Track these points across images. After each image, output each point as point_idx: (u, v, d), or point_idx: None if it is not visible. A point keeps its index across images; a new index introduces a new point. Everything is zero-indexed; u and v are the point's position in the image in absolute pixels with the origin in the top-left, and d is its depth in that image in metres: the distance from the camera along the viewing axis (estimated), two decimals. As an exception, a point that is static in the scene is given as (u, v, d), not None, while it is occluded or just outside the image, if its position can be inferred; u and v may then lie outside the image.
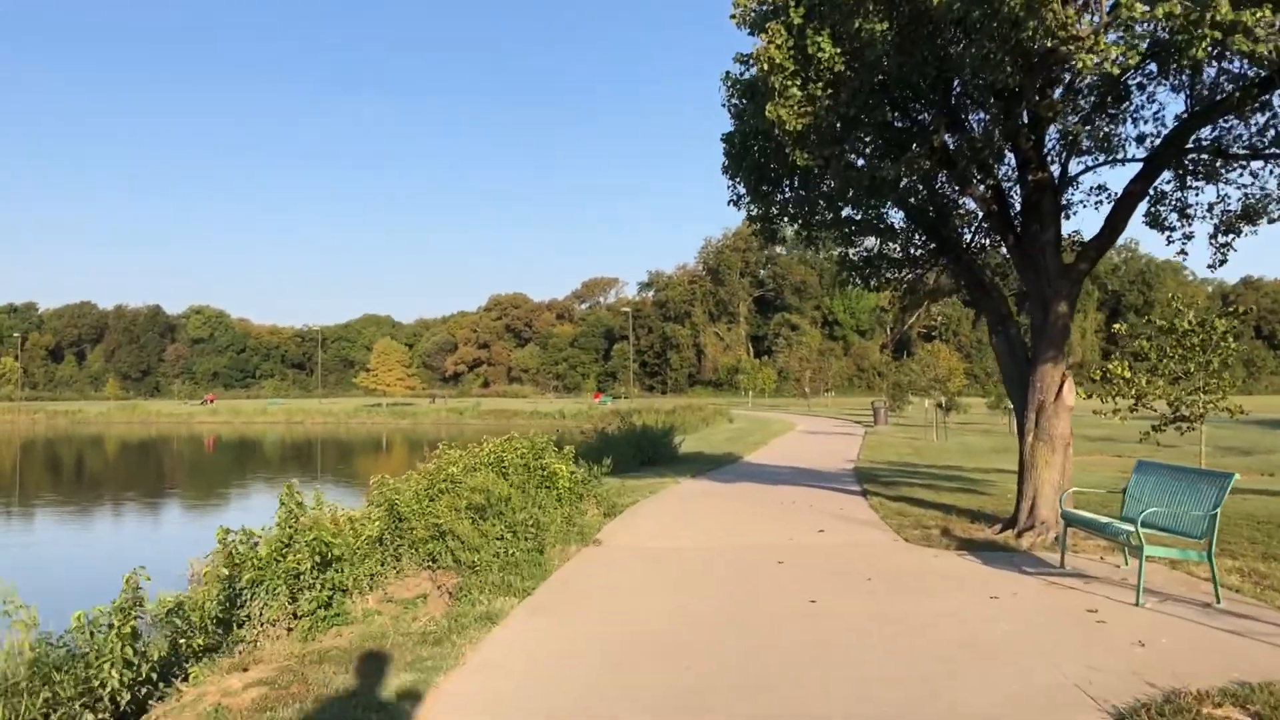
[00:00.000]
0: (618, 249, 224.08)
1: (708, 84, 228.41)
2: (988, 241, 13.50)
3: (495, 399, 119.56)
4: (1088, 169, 11.53)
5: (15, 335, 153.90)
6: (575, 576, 9.32)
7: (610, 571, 9.56)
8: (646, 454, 25.14)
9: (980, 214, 12.62)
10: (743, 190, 14.65)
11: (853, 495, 16.02)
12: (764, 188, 14.02)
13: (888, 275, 13.71)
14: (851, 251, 13.64)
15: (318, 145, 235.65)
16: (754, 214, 14.77)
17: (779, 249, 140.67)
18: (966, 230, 13.22)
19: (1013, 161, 12.23)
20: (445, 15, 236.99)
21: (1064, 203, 11.94)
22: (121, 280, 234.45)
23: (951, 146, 10.39)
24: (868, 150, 10.93)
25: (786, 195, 14.14)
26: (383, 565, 9.69)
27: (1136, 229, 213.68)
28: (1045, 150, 11.10)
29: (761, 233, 14.86)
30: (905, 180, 12.22)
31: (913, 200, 12.68)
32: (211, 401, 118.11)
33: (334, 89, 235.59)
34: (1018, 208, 11.96)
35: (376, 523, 9.68)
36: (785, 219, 14.65)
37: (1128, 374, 16.68)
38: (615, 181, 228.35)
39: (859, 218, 13.44)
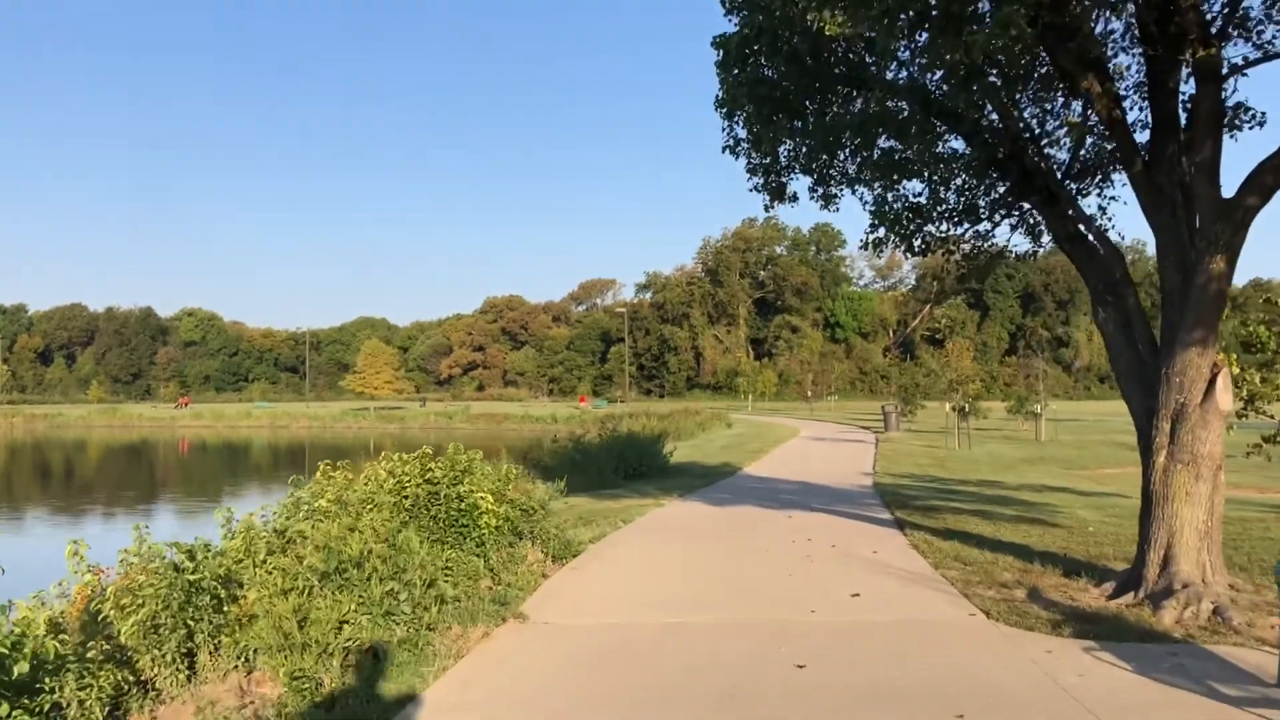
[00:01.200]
0: (616, 251, 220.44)
1: (705, 83, 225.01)
2: (1074, 186, 9.71)
3: (487, 402, 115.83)
4: (1255, 61, 7.71)
5: (2, 338, 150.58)
6: (458, 702, 5.53)
7: (518, 689, 5.77)
8: (631, 466, 21.49)
9: (1079, 136, 8.84)
10: (741, 132, 10.95)
11: (885, 527, 12.25)
12: (773, 115, 10.27)
13: (941, 230, 9.88)
14: (891, 197, 9.77)
15: (313, 147, 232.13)
16: (755, 163, 11.08)
17: (779, 249, 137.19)
18: (1057, 162, 9.39)
19: (1127, 65, 8.52)
20: (441, 16, 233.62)
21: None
22: (115, 282, 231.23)
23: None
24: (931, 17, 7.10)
25: (798, 127, 10.43)
26: (156, 667, 5.97)
27: (1143, 229, 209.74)
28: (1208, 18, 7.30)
29: (765, 189, 11.13)
30: (977, 102, 8.48)
31: (983, 120, 8.91)
32: (185, 405, 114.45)
33: (330, 90, 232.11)
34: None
35: (143, 604, 5.88)
36: (796, 167, 10.93)
37: (1236, 368, 12.85)
38: (614, 182, 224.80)
39: (900, 157, 9.68)
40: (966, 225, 9.78)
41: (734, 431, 42.92)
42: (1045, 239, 9.45)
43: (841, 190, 10.67)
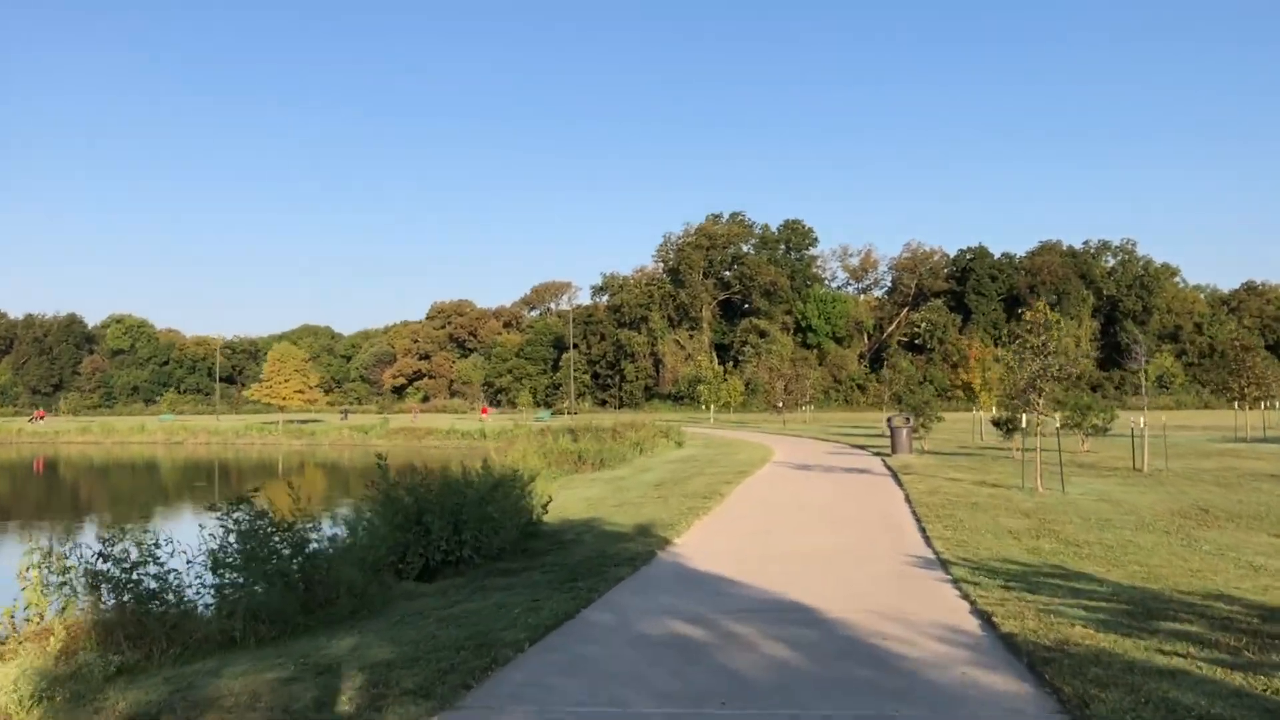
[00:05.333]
0: (572, 251, 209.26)
1: (665, 70, 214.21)
2: None
3: (423, 415, 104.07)
4: None
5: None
6: None
7: None
8: (444, 547, 10.48)
9: None
10: None
11: None
12: None
13: None
14: None
15: (254, 150, 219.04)
16: None
17: (746, 247, 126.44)
18: None
19: None
20: (389, 14, 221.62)
21: None
22: (40, 289, 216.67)
23: None
24: None
25: None
26: None
27: (1134, 228, 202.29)
28: None
29: None
30: None
31: None
32: (40, 419, 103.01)
33: (274, 94, 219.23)
34: None
35: None
36: None
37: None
38: (570, 179, 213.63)
39: None
40: None
41: (683, 454, 31.77)
42: None
43: None
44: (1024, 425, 17.64)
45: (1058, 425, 18.72)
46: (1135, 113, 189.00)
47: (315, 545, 8.70)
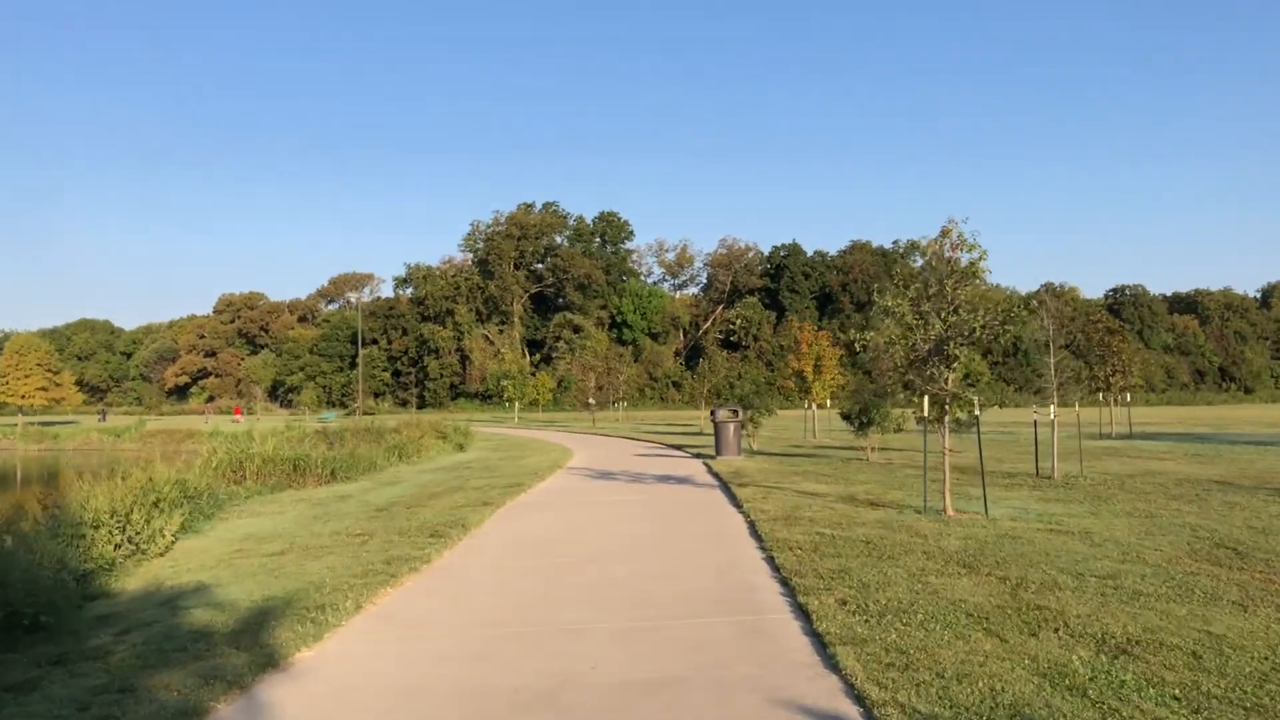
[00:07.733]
0: (375, 242, 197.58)
1: (472, 54, 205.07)
2: None
3: (170, 417, 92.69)
4: None
5: None
6: None
7: None
8: None
9: None
10: None
11: None
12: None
13: None
14: None
15: (21, 127, 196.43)
16: None
17: (559, 238, 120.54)
18: None
19: None
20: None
21: None
22: None
23: None
24: None
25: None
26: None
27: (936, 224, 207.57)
28: None
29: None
30: None
31: None
32: None
33: (48, 73, 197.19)
34: None
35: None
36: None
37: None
38: (371, 165, 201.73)
39: None
40: None
41: (457, 459, 25.14)
42: None
43: None
44: (924, 414, 12.09)
45: (976, 411, 13.37)
46: (938, 112, 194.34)
47: None
